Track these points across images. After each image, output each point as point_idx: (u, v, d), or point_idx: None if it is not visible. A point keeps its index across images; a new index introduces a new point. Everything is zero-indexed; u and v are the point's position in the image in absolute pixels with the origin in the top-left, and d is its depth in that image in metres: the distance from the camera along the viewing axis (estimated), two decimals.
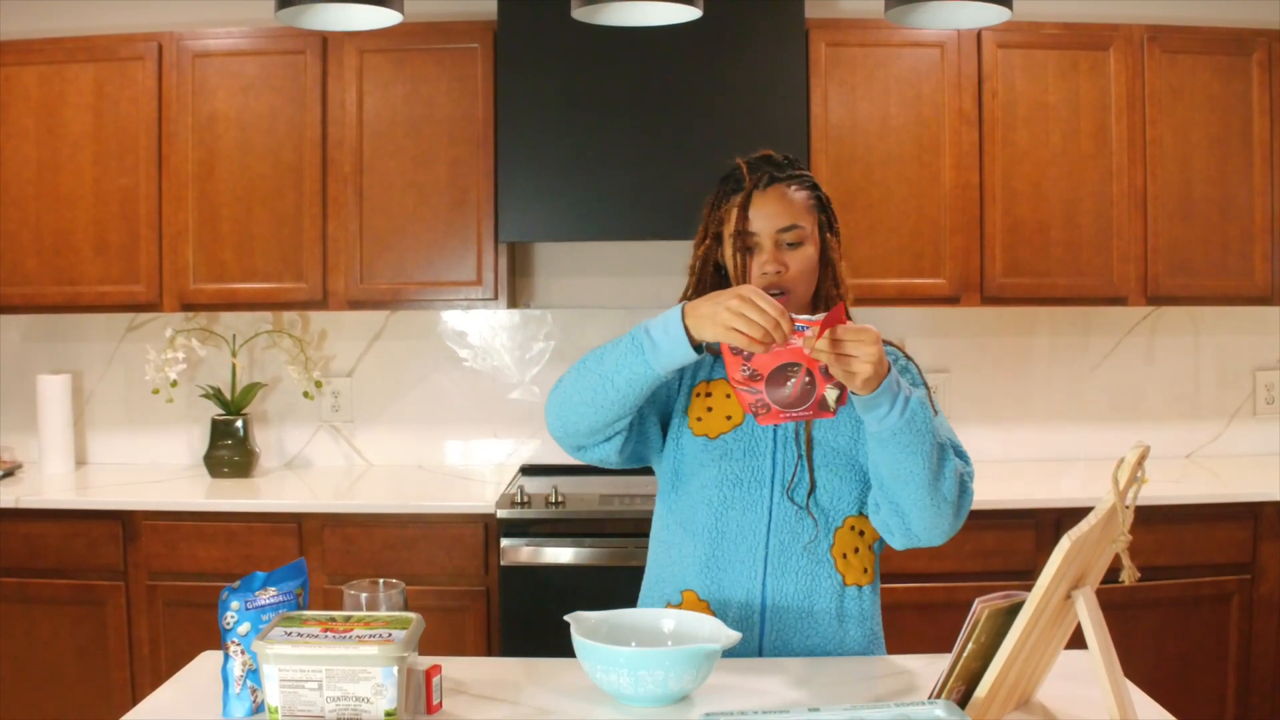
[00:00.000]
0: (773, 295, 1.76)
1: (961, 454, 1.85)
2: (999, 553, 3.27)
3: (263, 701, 1.55)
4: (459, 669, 1.77)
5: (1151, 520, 3.06)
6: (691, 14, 2.32)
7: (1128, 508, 1.46)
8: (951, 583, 3.22)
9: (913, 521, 1.76)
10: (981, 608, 1.47)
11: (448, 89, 3.54)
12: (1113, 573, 1.53)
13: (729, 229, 1.88)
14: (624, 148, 3.41)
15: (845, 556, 1.86)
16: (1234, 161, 3.57)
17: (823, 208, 1.92)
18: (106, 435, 3.95)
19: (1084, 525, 1.42)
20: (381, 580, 1.75)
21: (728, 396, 1.89)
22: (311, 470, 3.87)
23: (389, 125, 3.55)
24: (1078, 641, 1.53)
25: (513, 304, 3.69)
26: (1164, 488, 3.34)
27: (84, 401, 3.94)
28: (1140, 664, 3.04)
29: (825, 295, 1.92)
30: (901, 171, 3.53)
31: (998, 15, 2.38)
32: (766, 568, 1.84)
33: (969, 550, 3.26)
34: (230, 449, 3.66)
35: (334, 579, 3.27)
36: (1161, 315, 3.92)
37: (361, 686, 1.47)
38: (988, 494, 3.35)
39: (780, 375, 1.64)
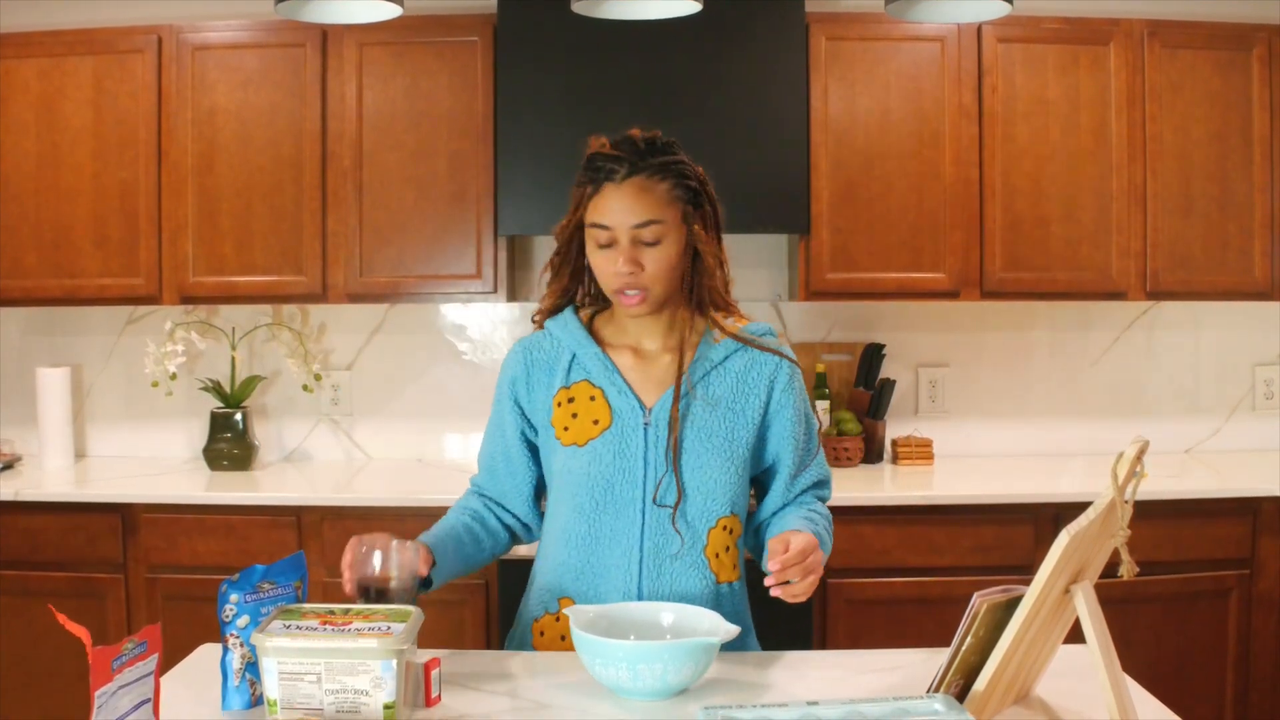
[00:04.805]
0: (629, 295, 1.80)
1: (825, 483, 1.95)
2: (998, 547, 3.27)
3: (261, 694, 1.56)
4: (458, 662, 1.77)
5: (1150, 515, 3.05)
6: (691, 8, 2.32)
7: (1127, 502, 1.46)
8: (950, 577, 3.22)
9: None
10: (980, 602, 1.48)
11: (448, 83, 3.54)
12: (1111, 568, 1.53)
13: (586, 218, 1.83)
14: None
15: (718, 555, 1.85)
16: (1234, 157, 3.56)
17: (691, 196, 1.81)
18: (106, 428, 3.95)
19: (1083, 520, 1.42)
20: (395, 540, 1.72)
21: (591, 399, 1.87)
22: (311, 463, 3.87)
23: (389, 119, 3.54)
24: (1076, 636, 1.53)
25: (512, 297, 3.69)
26: (1163, 483, 3.33)
27: (84, 395, 3.94)
28: (1139, 659, 3.04)
29: (698, 287, 1.85)
30: (901, 166, 3.52)
31: (998, 9, 2.38)
32: (642, 570, 1.82)
33: (968, 545, 3.26)
34: (229, 442, 3.66)
35: (333, 572, 3.27)
36: (1161, 310, 3.91)
37: (360, 679, 1.47)
38: (986, 489, 3.36)
39: None
